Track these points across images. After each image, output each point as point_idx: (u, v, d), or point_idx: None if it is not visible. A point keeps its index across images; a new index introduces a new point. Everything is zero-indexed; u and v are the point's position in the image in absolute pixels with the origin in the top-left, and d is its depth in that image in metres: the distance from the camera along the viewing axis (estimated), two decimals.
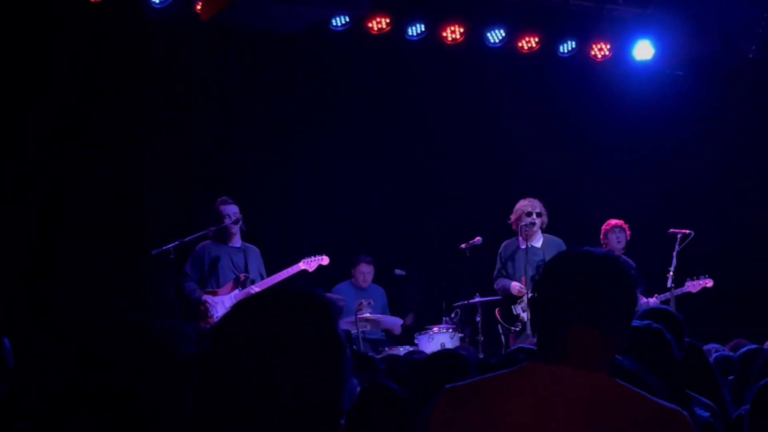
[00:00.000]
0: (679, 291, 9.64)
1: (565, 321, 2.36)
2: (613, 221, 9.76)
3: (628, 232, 9.73)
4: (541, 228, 9.42)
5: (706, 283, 9.77)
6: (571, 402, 2.30)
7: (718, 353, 4.56)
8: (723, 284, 10.94)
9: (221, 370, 1.53)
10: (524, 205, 9.37)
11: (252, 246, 9.13)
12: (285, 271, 9.06)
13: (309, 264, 9.16)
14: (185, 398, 2.06)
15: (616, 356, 2.59)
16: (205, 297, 8.78)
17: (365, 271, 10.14)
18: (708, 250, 10.48)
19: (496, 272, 9.57)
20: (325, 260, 9.22)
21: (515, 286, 9.26)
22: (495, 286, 9.56)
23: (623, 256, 9.11)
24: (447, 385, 2.45)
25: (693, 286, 9.72)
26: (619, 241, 9.64)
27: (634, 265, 9.15)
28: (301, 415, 1.49)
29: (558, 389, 2.32)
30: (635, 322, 3.30)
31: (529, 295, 9.01)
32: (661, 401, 2.37)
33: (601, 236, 9.76)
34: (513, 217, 9.38)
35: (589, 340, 2.35)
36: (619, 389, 2.34)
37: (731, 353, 4.50)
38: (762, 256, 11.19)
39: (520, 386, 2.36)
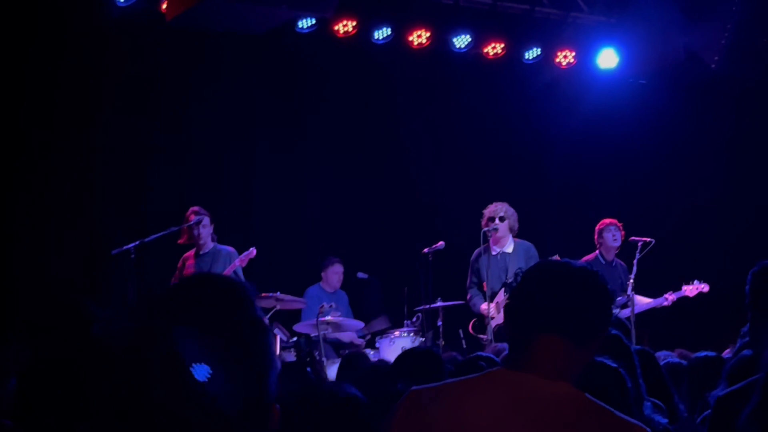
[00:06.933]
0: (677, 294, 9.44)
1: (535, 329, 2.37)
2: (608, 220, 9.60)
3: (623, 232, 9.56)
4: (512, 232, 9.39)
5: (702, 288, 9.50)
6: (531, 411, 2.30)
7: (668, 360, 4.62)
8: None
9: (144, 361, 1.52)
10: (489, 210, 9.34)
11: (225, 247, 9.06)
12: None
13: (242, 260, 9.04)
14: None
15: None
16: None
17: (339, 271, 10.15)
18: (668, 258, 10.55)
19: (468, 282, 9.46)
20: (253, 252, 9.05)
21: (484, 308, 9.15)
22: (467, 298, 9.47)
23: (601, 273, 9.02)
24: (413, 387, 2.46)
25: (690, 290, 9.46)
26: (615, 239, 9.46)
27: (625, 267, 9.19)
28: (230, 399, 1.49)
29: (519, 397, 2.32)
30: None
31: (498, 303, 9.02)
32: (624, 416, 2.37)
33: (596, 236, 9.61)
34: (482, 222, 9.35)
35: (557, 350, 2.35)
36: (582, 401, 2.34)
37: (681, 360, 4.56)
38: (722, 264, 11.29)
39: (483, 392, 2.36)
